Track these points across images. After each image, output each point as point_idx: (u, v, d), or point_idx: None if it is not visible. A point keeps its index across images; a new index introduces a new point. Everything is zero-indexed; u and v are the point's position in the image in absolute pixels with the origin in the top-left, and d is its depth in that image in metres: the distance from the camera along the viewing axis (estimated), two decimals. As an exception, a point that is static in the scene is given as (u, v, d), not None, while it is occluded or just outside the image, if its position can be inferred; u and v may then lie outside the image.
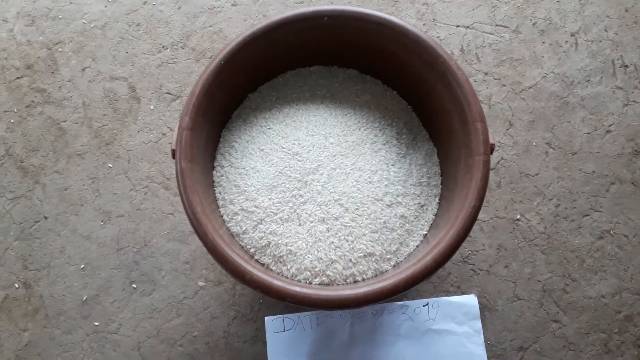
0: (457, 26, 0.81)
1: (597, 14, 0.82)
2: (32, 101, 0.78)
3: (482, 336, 0.68)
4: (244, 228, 0.55)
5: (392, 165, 0.59)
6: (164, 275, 0.71)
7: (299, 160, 0.58)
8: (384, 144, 0.60)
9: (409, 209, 0.57)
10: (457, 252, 0.71)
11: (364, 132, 0.60)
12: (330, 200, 0.56)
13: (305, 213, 0.56)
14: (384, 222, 0.56)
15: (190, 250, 0.71)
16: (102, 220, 0.73)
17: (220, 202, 0.58)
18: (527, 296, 0.71)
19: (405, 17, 0.82)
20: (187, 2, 0.83)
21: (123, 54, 0.80)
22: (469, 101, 0.52)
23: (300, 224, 0.56)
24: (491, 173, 0.75)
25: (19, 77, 0.79)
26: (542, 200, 0.74)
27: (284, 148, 0.59)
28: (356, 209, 0.56)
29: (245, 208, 0.56)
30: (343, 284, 0.54)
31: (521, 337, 0.70)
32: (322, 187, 0.57)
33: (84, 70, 0.80)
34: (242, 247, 0.56)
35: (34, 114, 0.78)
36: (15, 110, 0.78)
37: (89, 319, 0.69)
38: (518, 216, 0.74)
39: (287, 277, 0.54)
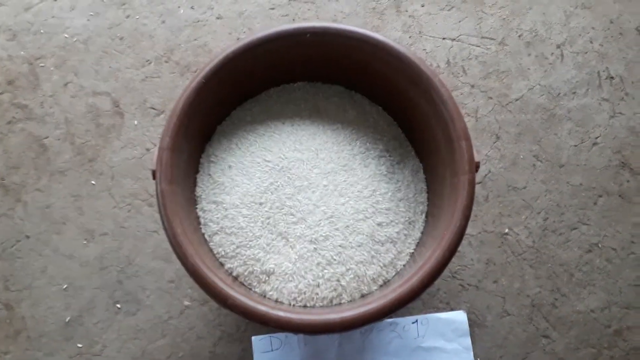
0: (444, 38, 0.81)
1: (582, 26, 0.82)
2: (13, 117, 0.77)
3: (472, 353, 0.68)
4: (225, 249, 0.54)
5: (382, 181, 0.58)
6: (148, 295, 0.70)
7: (288, 177, 0.57)
8: (374, 160, 0.59)
9: (398, 227, 0.57)
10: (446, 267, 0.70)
11: (355, 148, 0.60)
12: (321, 220, 0.55)
13: (294, 233, 0.55)
14: (374, 242, 0.55)
15: (175, 268, 0.70)
16: (85, 239, 0.72)
17: (201, 221, 0.57)
18: (517, 311, 0.71)
19: (392, 30, 0.81)
20: (171, 15, 0.82)
21: (106, 68, 0.79)
22: (453, 119, 0.51)
23: (286, 244, 0.55)
24: (479, 187, 0.75)
25: (-1, 93, 0.78)
26: (530, 213, 0.74)
27: (269, 162, 0.58)
28: (346, 227, 0.55)
29: (225, 227, 0.55)
30: (329, 306, 0.53)
31: (511, 353, 0.69)
32: (313, 206, 0.56)
33: (66, 85, 0.78)
34: (225, 268, 0.55)
35: (15, 131, 0.76)
36: (-4, 126, 0.76)
37: (71, 340, 0.68)
38: (506, 230, 0.73)
39: (272, 300, 0.53)
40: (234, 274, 0.54)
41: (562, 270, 0.72)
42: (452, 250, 0.49)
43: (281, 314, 0.46)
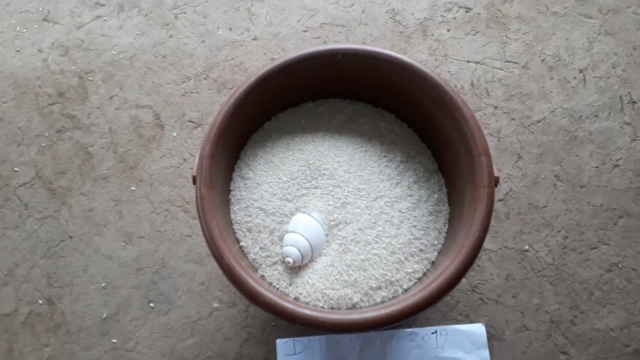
0: (468, 61, 0.84)
1: (605, 52, 0.84)
2: (63, 126, 0.83)
3: (490, 365, 0.69)
4: (255, 250, 0.58)
5: (417, 192, 0.62)
6: (180, 296, 0.74)
7: (328, 185, 0.61)
8: (408, 172, 0.63)
9: (427, 236, 0.60)
10: (466, 281, 0.73)
11: (393, 159, 0.63)
12: (363, 226, 0.59)
13: (335, 240, 0.58)
14: (406, 249, 0.58)
15: (206, 271, 0.74)
16: (124, 241, 0.76)
17: (234, 223, 0.61)
18: (535, 327, 0.72)
19: (418, 53, 0.85)
20: (210, 35, 0.88)
21: (149, 83, 0.85)
22: (475, 136, 0.54)
23: (318, 251, 0.58)
24: (500, 204, 0.77)
25: (51, 104, 0.84)
26: (550, 232, 0.76)
27: (311, 164, 0.62)
28: (384, 233, 0.59)
29: (254, 227, 0.59)
30: (352, 309, 0.56)
31: (529, 367, 0.71)
32: (360, 212, 0.59)
33: (111, 98, 0.84)
34: (256, 269, 0.58)
35: (63, 139, 0.82)
36: (47, 134, 0.83)
37: (107, 336, 0.72)
38: (526, 247, 0.75)
39: (299, 300, 0.56)
40: (264, 274, 0.58)
41: (581, 288, 0.73)
42: (470, 260, 0.51)
43: (307, 312, 0.49)
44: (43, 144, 0.82)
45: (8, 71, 0.86)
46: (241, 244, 0.59)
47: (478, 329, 0.70)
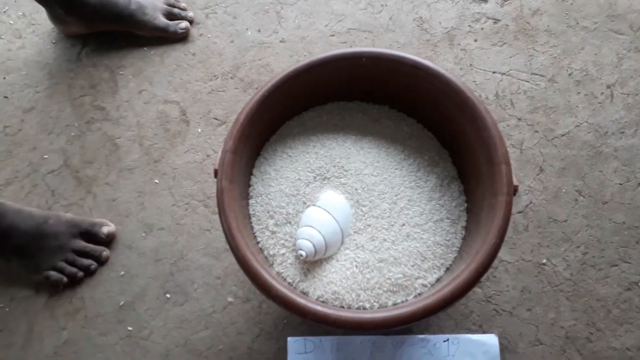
0: (494, 72, 0.84)
1: (634, 68, 0.83)
2: (92, 117, 0.86)
3: (501, 377, 0.68)
4: (272, 247, 0.59)
5: (439, 197, 0.62)
6: (196, 288, 0.75)
7: (357, 189, 0.62)
8: (431, 176, 0.63)
9: (445, 241, 0.60)
10: (481, 291, 0.72)
11: (414, 162, 0.64)
12: (383, 228, 0.59)
13: (351, 240, 0.59)
14: (419, 252, 0.59)
15: (223, 266, 0.75)
16: (144, 232, 0.78)
17: (252, 218, 0.62)
18: (550, 341, 0.71)
19: (443, 61, 0.86)
20: (239, 36, 0.89)
21: (177, 80, 0.87)
22: (496, 144, 0.54)
23: (332, 250, 0.59)
24: (519, 216, 0.76)
25: (82, 95, 0.87)
26: (569, 246, 0.75)
27: (334, 162, 0.63)
28: (395, 236, 0.59)
29: (271, 224, 0.60)
30: (364, 309, 0.56)
31: (541, 382, 0.70)
32: (381, 213, 0.60)
33: (140, 92, 0.87)
34: (271, 264, 0.59)
35: (92, 130, 0.85)
36: (77, 125, 0.85)
37: (123, 323, 0.74)
38: (544, 260, 0.74)
39: (312, 297, 0.57)
40: (279, 270, 0.58)
41: (599, 306, 0.72)
42: (485, 266, 0.51)
43: (319, 308, 0.50)
44: (73, 134, 0.85)
45: (44, 62, 0.90)
46: (258, 239, 0.60)
47: (491, 340, 0.70)
